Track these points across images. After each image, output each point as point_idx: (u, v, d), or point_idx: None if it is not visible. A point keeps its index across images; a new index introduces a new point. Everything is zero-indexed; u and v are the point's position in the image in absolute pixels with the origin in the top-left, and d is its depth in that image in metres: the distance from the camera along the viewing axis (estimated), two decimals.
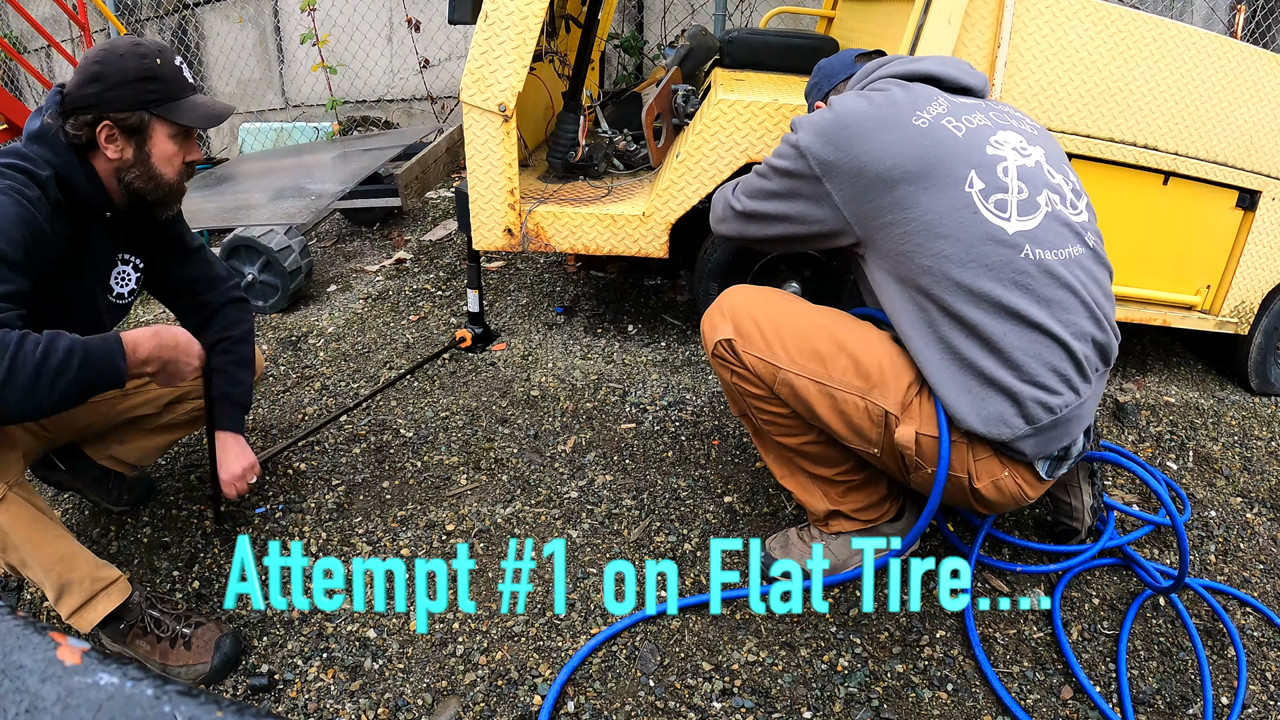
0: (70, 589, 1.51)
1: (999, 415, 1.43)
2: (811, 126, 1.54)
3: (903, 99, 1.52)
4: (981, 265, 1.41)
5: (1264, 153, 2.40)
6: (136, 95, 1.47)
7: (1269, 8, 4.67)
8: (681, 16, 4.96)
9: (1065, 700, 1.59)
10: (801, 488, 1.74)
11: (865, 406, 1.51)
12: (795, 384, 1.53)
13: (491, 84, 2.23)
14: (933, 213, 1.43)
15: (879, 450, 1.55)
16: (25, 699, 0.35)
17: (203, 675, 1.60)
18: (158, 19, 6.15)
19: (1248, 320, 2.62)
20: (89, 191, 1.51)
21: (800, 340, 1.54)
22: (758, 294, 1.64)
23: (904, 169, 1.45)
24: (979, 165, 1.45)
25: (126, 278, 1.70)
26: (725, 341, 1.59)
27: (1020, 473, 1.51)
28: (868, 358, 1.52)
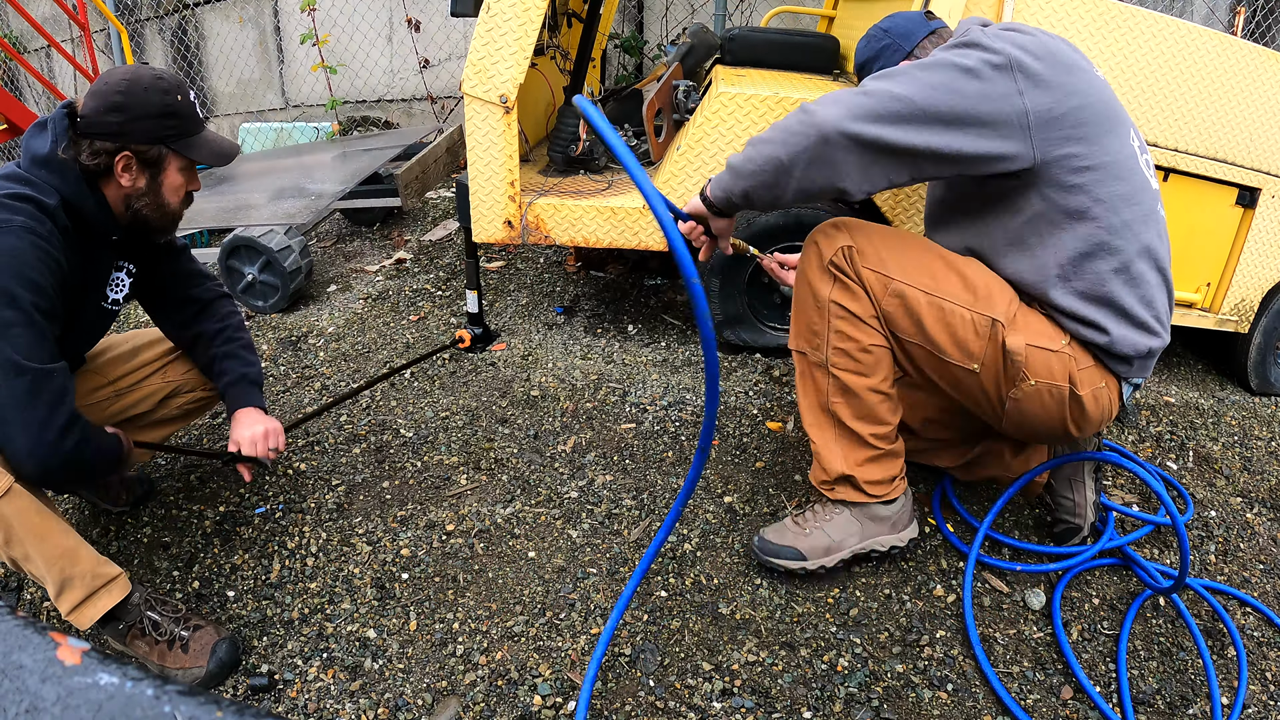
0: (72, 584, 1.51)
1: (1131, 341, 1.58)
2: (1006, 39, 1.48)
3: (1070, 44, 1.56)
4: (1142, 212, 1.56)
5: (1264, 150, 2.40)
6: (157, 130, 1.53)
7: (1269, 8, 4.67)
8: (682, 16, 4.96)
9: (1065, 700, 1.59)
10: (825, 441, 1.73)
11: (973, 318, 1.59)
12: (908, 294, 1.59)
13: (493, 75, 2.23)
14: (1113, 155, 1.53)
15: (980, 365, 1.61)
16: (25, 699, 0.35)
17: (198, 680, 1.60)
18: (158, 19, 6.15)
19: (1247, 319, 2.62)
20: (97, 217, 1.55)
21: (913, 257, 1.62)
22: (865, 222, 1.69)
23: (1095, 109, 1.52)
24: (1131, 125, 1.59)
25: (120, 284, 1.74)
26: (846, 249, 1.60)
27: (1113, 388, 1.63)
28: (975, 277, 1.61)
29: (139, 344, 1.88)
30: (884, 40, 1.74)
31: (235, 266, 3.09)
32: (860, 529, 1.78)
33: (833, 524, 1.78)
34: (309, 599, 1.79)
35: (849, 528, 1.77)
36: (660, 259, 3.33)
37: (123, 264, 1.73)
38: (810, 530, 1.78)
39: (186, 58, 6.08)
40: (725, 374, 2.58)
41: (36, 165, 1.49)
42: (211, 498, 2.07)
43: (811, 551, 1.77)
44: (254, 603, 1.79)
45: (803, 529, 1.79)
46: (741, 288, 2.55)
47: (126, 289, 1.75)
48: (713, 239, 1.71)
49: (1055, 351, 1.58)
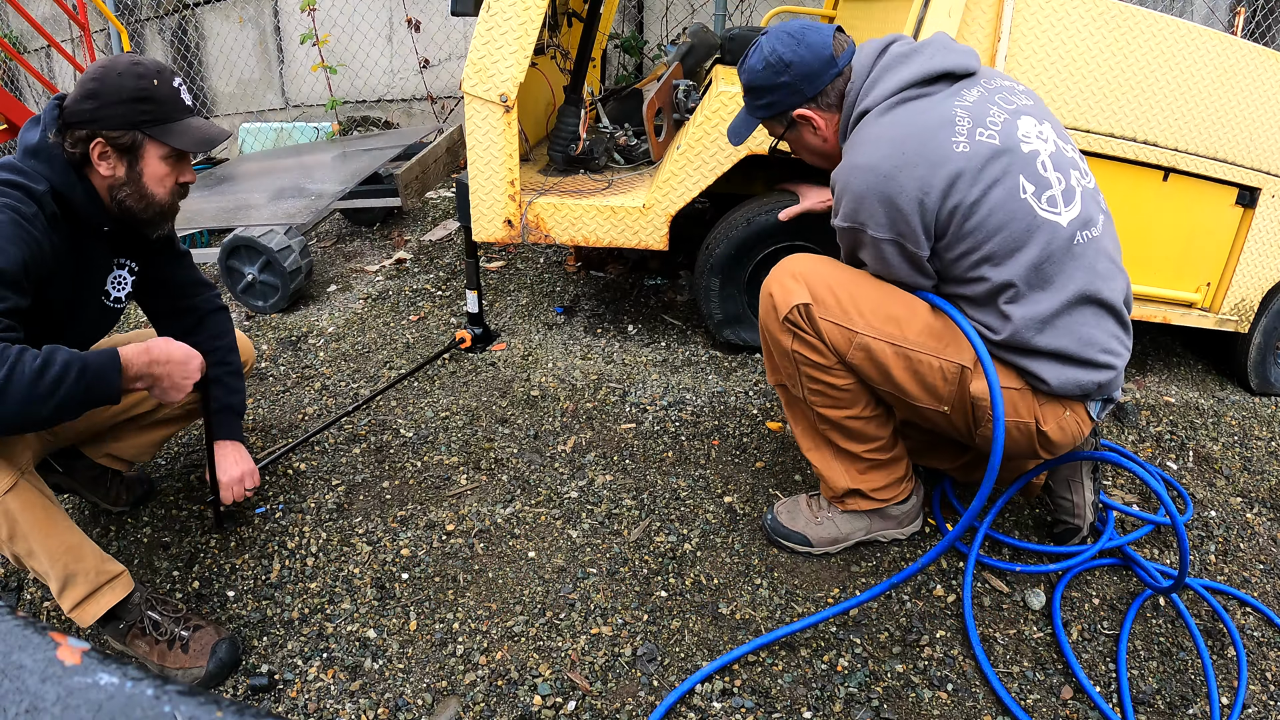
0: (75, 580, 1.51)
1: (1074, 380, 1.56)
2: (864, 211, 1.54)
3: (930, 124, 1.51)
4: (1052, 263, 1.51)
5: (1264, 150, 2.40)
6: (130, 115, 1.47)
7: (1269, 8, 4.67)
8: (682, 16, 4.96)
9: (1065, 700, 1.59)
10: (824, 462, 1.79)
11: (940, 365, 1.58)
12: (872, 347, 1.59)
13: (493, 74, 2.23)
14: (1003, 230, 1.50)
15: (949, 408, 1.62)
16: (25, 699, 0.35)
17: (197, 680, 1.60)
18: (158, 19, 6.15)
19: (1247, 318, 2.62)
20: (86, 206, 1.52)
21: (875, 305, 1.60)
22: (825, 262, 1.68)
23: (965, 203, 1.49)
24: (1024, 168, 1.51)
25: (123, 281, 1.72)
26: (803, 306, 1.60)
27: (1078, 410, 1.63)
28: (937, 320, 1.60)
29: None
30: (782, 78, 1.62)
31: (235, 266, 3.09)
32: (868, 524, 1.86)
33: (843, 518, 1.85)
34: (309, 599, 1.79)
35: (858, 522, 1.85)
36: (660, 259, 3.33)
37: (124, 261, 1.71)
38: (823, 520, 1.86)
39: (186, 58, 6.08)
40: (725, 374, 2.58)
41: (28, 155, 1.47)
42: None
43: (819, 541, 1.85)
44: (254, 603, 1.79)
45: (815, 517, 1.86)
46: (742, 287, 2.55)
47: (129, 287, 1.74)
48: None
49: (1018, 390, 1.59)
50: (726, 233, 2.47)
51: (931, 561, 1.64)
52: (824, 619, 1.65)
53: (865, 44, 1.65)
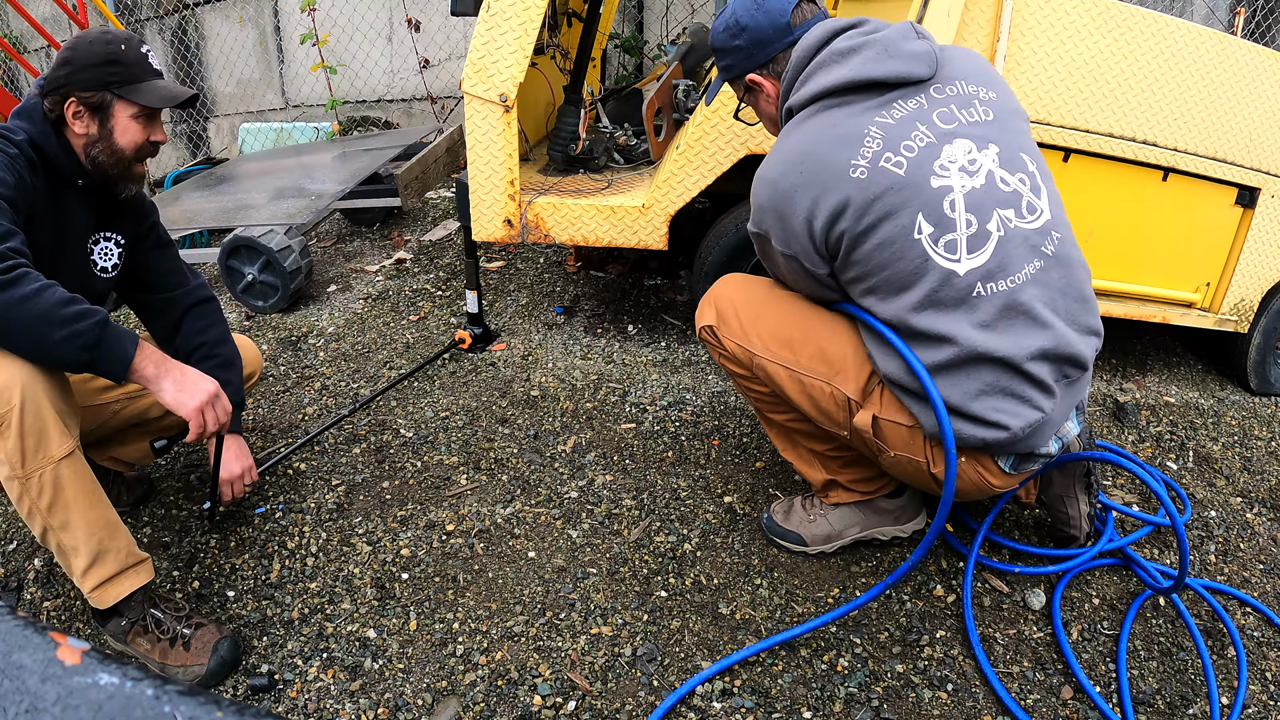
0: (106, 557, 1.54)
1: (956, 432, 1.47)
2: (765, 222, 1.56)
3: (834, 141, 1.45)
4: (937, 310, 1.43)
5: (1263, 150, 2.40)
6: (100, 76, 1.60)
7: (1269, 8, 4.67)
8: (682, 16, 4.96)
9: (1065, 700, 1.59)
10: (800, 459, 1.83)
11: (830, 391, 1.59)
12: (767, 368, 1.64)
13: (493, 74, 2.23)
14: (889, 268, 1.45)
15: (848, 433, 1.63)
16: (25, 699, 0.35)
17: (199, 677, 1.60)
18: (158, 19, 6.15)
19: (1247, 319, 2.62)
20: (60, 156, 1.62)
21: (774, 328, 1.64)
22: (744, 283, 1.73)
23: (852, 232, 1.45)
24: (924, 206, 1.41)
25: (109, 253, 1.78)
26: (708, 327, 1.72)
27: (980, 460, 1.54)
28: (833, 347, 1.59)
29: None
30: (737, 41, 1.60)
31: (235, 266, 3.09)
32: (863, 519, 1.85)
33: (835, 515, 1.85)
34: (309, 599, 1.79)
35: (851, 518, 1.85)
36: (660, 259, 3.33)
37: (110, 235, 1.78)
38: (815, 518, 1.86)
39: (186, 58, 6.08)
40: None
41: (13, 117, 1.63)
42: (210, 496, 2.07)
43: (813, 539, 1.86)
44: (254, 603, 1.79)
45: (808, 515, 1.87)
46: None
47: (116, 258, 1.79)
48: None
49: (909, 427, 1.54)
50: (718, 239, 2.47)
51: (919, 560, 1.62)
52: (822, 624, 1.65)
53: (822, 23, 1.56)
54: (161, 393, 1.49)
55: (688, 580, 1.82)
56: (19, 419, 1.38)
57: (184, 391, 1.49)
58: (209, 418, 1.52)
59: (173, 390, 1.49)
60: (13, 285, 1.31)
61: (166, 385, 1.49)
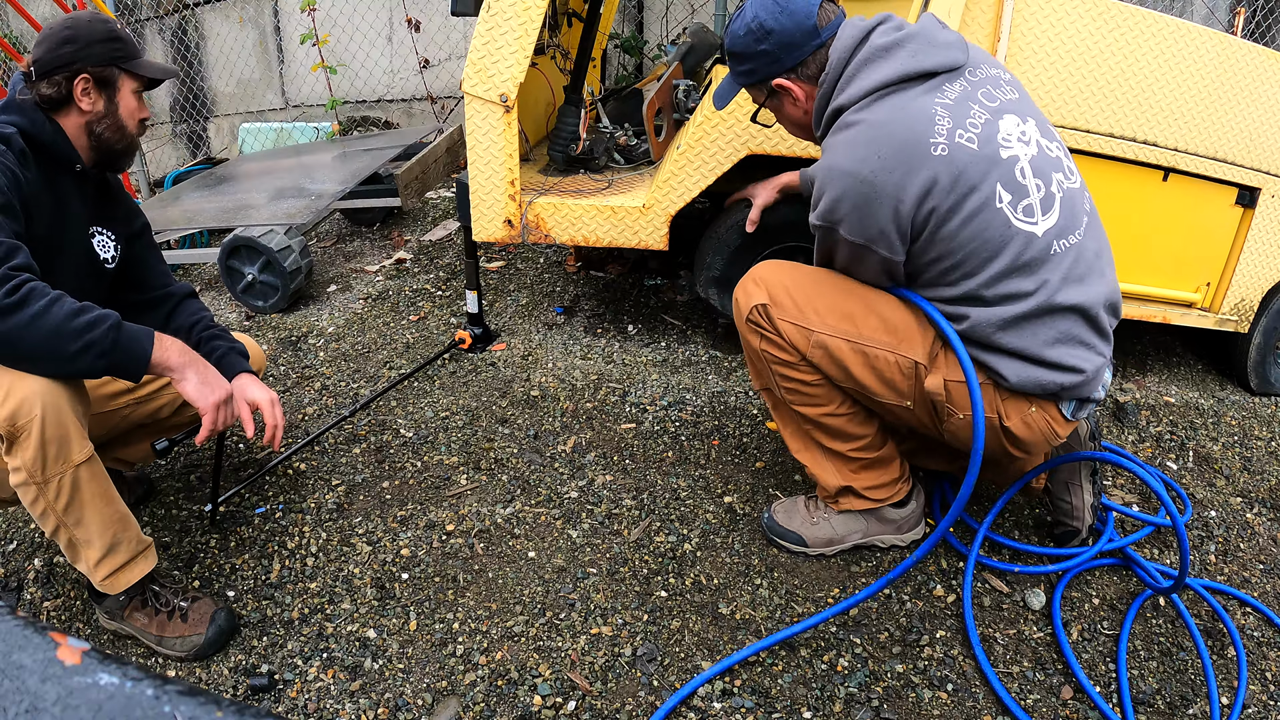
0: (119, 548, 1.58)
1: (1034, 379, 1.55)
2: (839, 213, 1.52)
3: (908, 123, 1.47)
4: (1023, 272, 1.50)
5: (1264, 150, 2.39)
6: (107, 52, 1.62)
7: (1269, 8, 4.67)
8: (682, 16, 4.96)
9: (1065, 700, 1.59)
10: (815, 462, 1.80)
11: (896, 360, 1.59)
12: (829, 344, 1.61)
13: (493, 74, 2.23)
14: (975, 240, 1.49)
15: (912, 402, 1.63)
16: (25, 699, 0.35)
17: (197, 646, 1.65)
18: (158, 19, 6.15)
19: (1247, 319, 2.62)
20: (56, 142, 1.62)
21: (831, 303, 1.62)
22: (789, 266, 1.70)
23: (941, 210, 1.47)
24: (1001, 176, 1.48)
25: (107, 245, 1.79)
26: (760, 307, 1.65)
27: (1047, 409, 1.60)
28: (895, 316, 1.61)
29: None
30: (762, 45, 1.58)
31: (235, 266, 3.09)
32: (865, 527, 1.85)
33: (838, 519, 1.84)
34: (309, 599, 1.79)
35: (854, 524, 1.84)
36: (660, 259, 3.33)
37: (105, 230, 1.78)
38: (818, 520, 1.86)
39: (186, 58, 6.07)
40: (725, 374, 2.58)
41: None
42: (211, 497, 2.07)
43: (814, 541, 1.86)
44: (254, 603, 1.79)
45: (811, 517, 1.86)
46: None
47: (113, 250, 1.79)
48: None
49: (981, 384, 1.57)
50: (717, 245, 2.47)
51: (926, 554, 1.62)
52: (822, 620, 1.65)
53: (850, 22, 1.58)
54: (185, 382, 1.52)
55: (688, 580, 1.82)
56: (40, 429, 1.40)
57: (206, 385, 1.54)
58: (222, 415, 1.57)
59: (196, 383, 1.53)
60: (21, 306, 1.31)
61: (190, 376, 1.53)
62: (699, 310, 2.98)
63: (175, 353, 1.51)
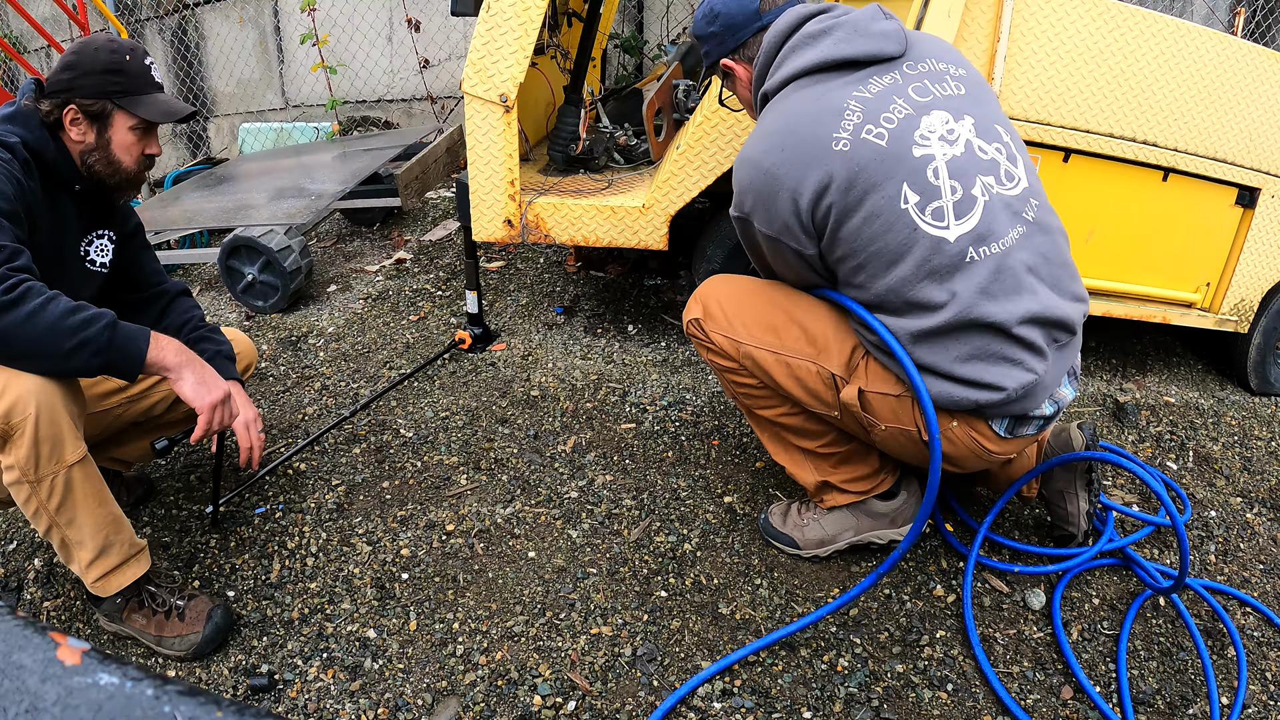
0: (111, 550, 1.58)
1: (948, 395, 1.49)
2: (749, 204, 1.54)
3: (815, 117, 1.45)
4: (932, 279, 1.44)
5: (1264, 150, 2.40)
6: (102, 85, 1.59)
7: (1269, 8, 4.67)
8: (682, 16, 4.96)
9: (1065, 700, 1.59)
10: (792, 461, 1.82)
11: (816, 370, 1.61)
12: (755, 355, 1.66)
13: (493, 74, 2.23)
14: (878, 241, 1.45)
15: (838, 412, 1.64)
16: (25, 699, 0.35)
17: (195, 644, 1.65)
18: (158, 19, 6.15)
19: (1247, 319, 2.62)
20: (57, 160, 1.61)
21: (756, 316, 1.67)
22: (729, 280, 1.75)
23: (838, 207, 1.44)
24: (909, 175, 1.42)
25: (104, 249, 1.79)
26: (694, 320, 1.75)
27: (973, 424, 1.53)
28: (815, 327, 1.62)
29: None
30: (712, 27, 1.66)
31: (235, 266, 3.09)
32: (856, 524, 1.83)
33: (828, 519, 1.84)
34: (309, 599, 1.79)
35: (844, 522, 1.84)
36: (660, 259, 3.33)
37: (103, 232, 1.78)
38: (808, 522, 1.86)
39: (186, 58, 6.08)
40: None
41: (3, 121, 1.59)
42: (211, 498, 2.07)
43: (806, 543, 1.86)
44: (254, 603, 1.79)
45: (802, 519, 1.87)
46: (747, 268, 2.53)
47: (110, 254, 1.79)
48: None
49: (897, 396, 1.55)
50: (718, 241, 2.47)
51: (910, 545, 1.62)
52: (818, 618, 1.65)
53: (790, 10, 1.58)
54: (181, 382, 1.52)
55: (688, 580, 1.82)
56: (34, 428, 1.40)
57: (203, 385, 1.53)
58: (219, 415, 1.55)
59: (193, 383, 1.52)
60: (17, 304, 1.32)
61: (187, 376, 1.52)
62: None
63: (171, 352, 1.50)
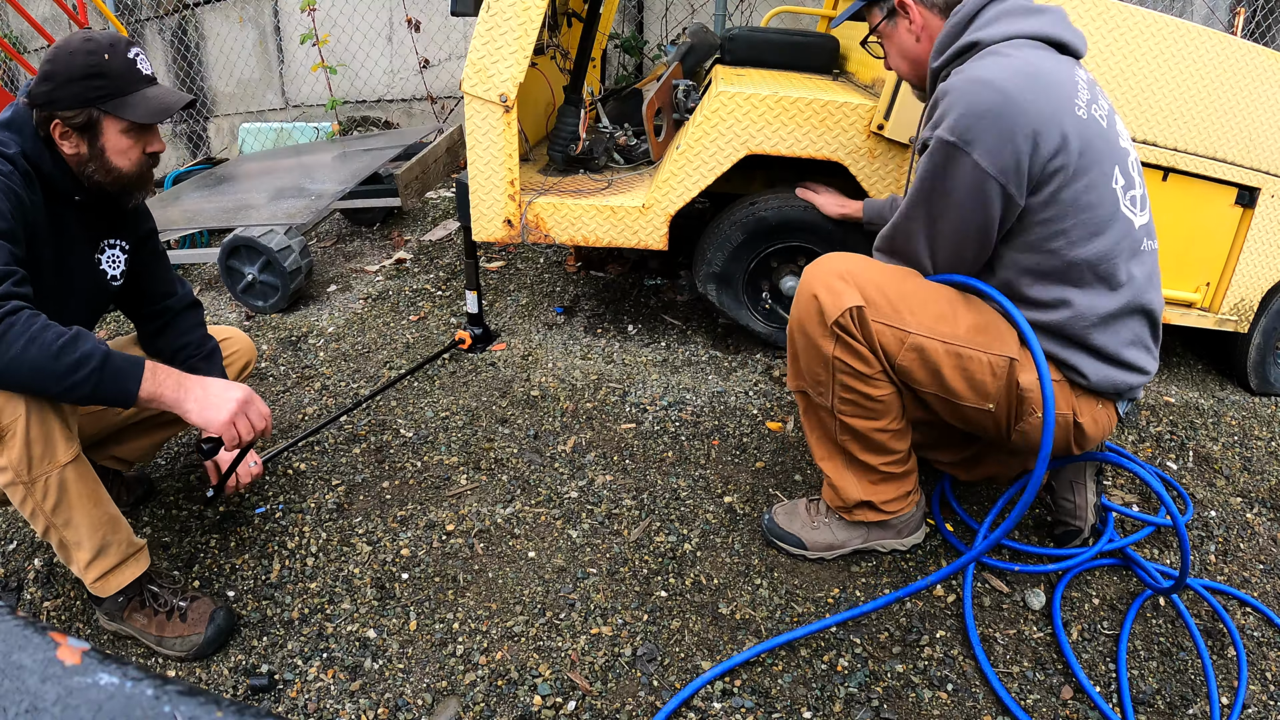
0: (109, 550, 1.57)
1: (1110, 380, 1.58)
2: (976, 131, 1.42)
3: (1056, 75, 1.47)
4: (1121, 258, 1.52)
5: (1263, 150, 2.39)
6: (83, 93, 1.47)
7: (1269, 8, 4.67)
8: (682, 16, 4.96)
9: (1065, 700, 1.59)
10: (837, 472, 1.76)
11: (989, 360, 1.56)
12: (926, 347, 1.54)
13: (493, 74, 2.23)
14: (1089, 211, 1.48)
15: (994, 404, 1.60)
16: (25, 699, 0.35)
17: (196, 645, 1.65)
18: (158, 19, 6.15)
19: (1247, 319, 2.62)
20: (55, 174, 1.54)
21: (923, 304, 1.55)
22: (865, 262, 1.61)
23: (1068, 170, 1.45)
24: (1119, 160, 1.52)
25: (117, 260, 1.74)
26: (855, 310, 1.53)
27: (1109, 407, 1.66)
28: (979, 316, 1.58)
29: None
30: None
31: (235, 266, 3.09)
32: (866, 533, 1.83)
33: (841, 524, 1.83)
34: (309, 599, 1.79)
35: (855, 530, 1.83)
36: (660, 259, 3.33)
37: (115, 241, 1.74)
38: (819, 525, 1.84)
39: (186, 58, 6.08)
40: (725, 374, 2.58)
41: (2, 127, 1.51)
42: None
43: (814, 545, 1.84)
44: (254, 603, 1.79)
45: (812, 520, 1.85)
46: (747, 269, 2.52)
47: (123, 264, 1.76)
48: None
49: (1057, 382, 1.59)
50: (718, 241, 2.47)
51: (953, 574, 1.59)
52: (830, 625, 1.65)
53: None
54: (187, 414, 1.45)
55: (688, 580, 1.82)
56: (24, 428, 1.39)
57: (209, 407, 1.46)
58: (241, 427, 1.48)
59: (197, 409, 1.45)
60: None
61: (190, 405, 1.45)
62: (699, 310, 2.98)
63: (169, 387, 1.44)
